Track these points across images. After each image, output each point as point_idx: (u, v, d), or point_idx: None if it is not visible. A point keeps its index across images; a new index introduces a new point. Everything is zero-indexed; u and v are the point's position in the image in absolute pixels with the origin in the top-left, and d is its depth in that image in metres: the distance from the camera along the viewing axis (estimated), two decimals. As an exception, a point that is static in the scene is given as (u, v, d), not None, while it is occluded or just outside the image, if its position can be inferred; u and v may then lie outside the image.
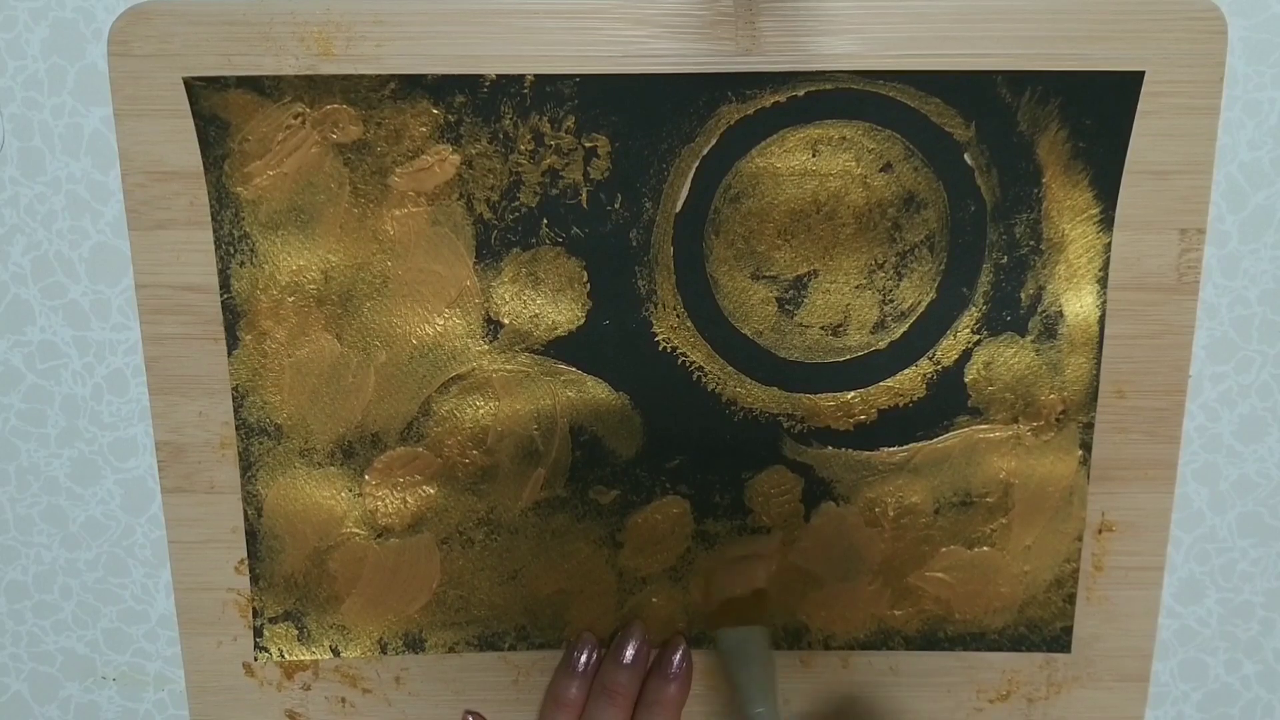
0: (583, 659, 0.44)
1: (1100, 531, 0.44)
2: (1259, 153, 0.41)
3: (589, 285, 0.41)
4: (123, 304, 0.42)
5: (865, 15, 0.39)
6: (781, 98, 0.40)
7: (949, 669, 0.46)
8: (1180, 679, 0.47)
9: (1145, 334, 0.42)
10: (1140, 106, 0.40)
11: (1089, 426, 0.43)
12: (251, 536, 0.44)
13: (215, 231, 0.41)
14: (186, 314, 0.42)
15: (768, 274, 0.41)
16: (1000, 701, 0.46)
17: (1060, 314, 0.42)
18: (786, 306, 0.42)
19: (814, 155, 0.40)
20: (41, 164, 0.41)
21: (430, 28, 0.39)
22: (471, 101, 0.39)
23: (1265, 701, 0.47)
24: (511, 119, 0.40)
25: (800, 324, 0.42)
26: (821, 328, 0.42)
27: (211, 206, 0.41)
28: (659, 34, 0.39)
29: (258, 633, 0.45)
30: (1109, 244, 0.41)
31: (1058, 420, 0.43)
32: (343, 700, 0.46)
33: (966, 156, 0.40)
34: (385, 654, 0.45)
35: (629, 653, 0.44)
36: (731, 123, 0.40)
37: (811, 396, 0.43)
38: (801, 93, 0.40)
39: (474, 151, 0.40)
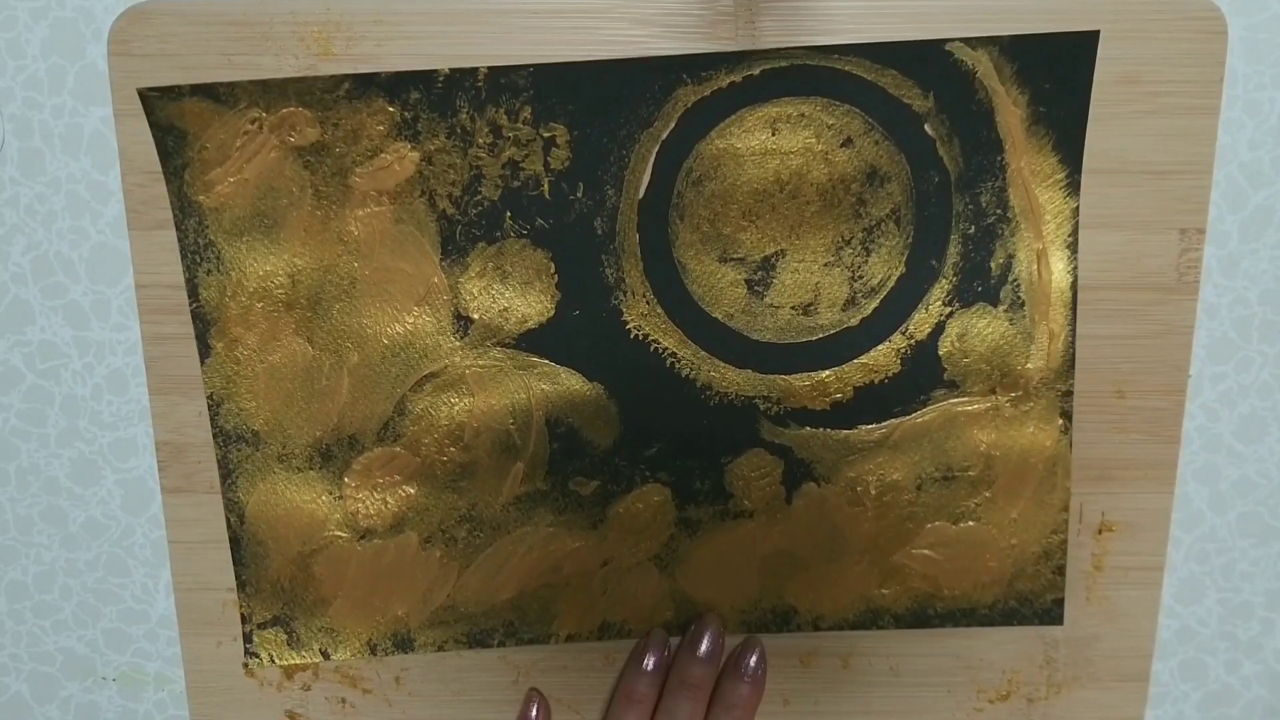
0: (654, 656, 0.44)
1: (1100, 531, 0.44)
2: (1259, 153, 0.41)
3: (556, 276, 0.41)
4: (123, 304, 0.42)
5: (866, 15, 0.39)
6: (737, 77, 0.39)
7: (949, 669, 0.46)
8: (1180, 679, 0.47)
9: (1145, 334, 0.42)
10: (1140, 106, 0.39)
11: (1068, 394, 0.42)
12: (235, 543, 0.44)
13: (180, 241, 0.41)
14: (186, 314, 0.42)
15: (735, 256, 0.41)
16: (1000, 701, 0.46)
17: (1032, 281, 0.41)
18: (756, 288, 0.41)
19: (773, 134, 0.40)
20: (41, 164, 0.41)
21: (430, 27, 0.39)
22: (426, 97, 0.40)
23: (1265, 701, 0.47)
24: (468, 113, 0.40)
25: (771, 305, 0.42)
26: (792, 308, 0.42)
27: (175, 216, 0.41)
28: (659, 34, 0.39)
29: (247, 639, 0.45)
30: (1077, 208, 0.40)
31: (1035, 389, 0.42)
32: (343, 701, 0.46)
33: (927, 127, 0.40)
34: (374, 655, 0.45)
35: (705, 646, 0.44)
36: (689, 105, 0.40)
37: (786, 377, 0.42)
38: (757, 71, 0.39)
39: (432, 147, 0.40)
